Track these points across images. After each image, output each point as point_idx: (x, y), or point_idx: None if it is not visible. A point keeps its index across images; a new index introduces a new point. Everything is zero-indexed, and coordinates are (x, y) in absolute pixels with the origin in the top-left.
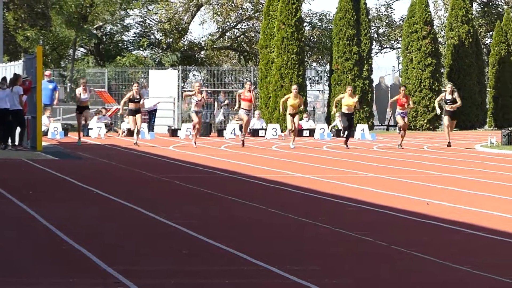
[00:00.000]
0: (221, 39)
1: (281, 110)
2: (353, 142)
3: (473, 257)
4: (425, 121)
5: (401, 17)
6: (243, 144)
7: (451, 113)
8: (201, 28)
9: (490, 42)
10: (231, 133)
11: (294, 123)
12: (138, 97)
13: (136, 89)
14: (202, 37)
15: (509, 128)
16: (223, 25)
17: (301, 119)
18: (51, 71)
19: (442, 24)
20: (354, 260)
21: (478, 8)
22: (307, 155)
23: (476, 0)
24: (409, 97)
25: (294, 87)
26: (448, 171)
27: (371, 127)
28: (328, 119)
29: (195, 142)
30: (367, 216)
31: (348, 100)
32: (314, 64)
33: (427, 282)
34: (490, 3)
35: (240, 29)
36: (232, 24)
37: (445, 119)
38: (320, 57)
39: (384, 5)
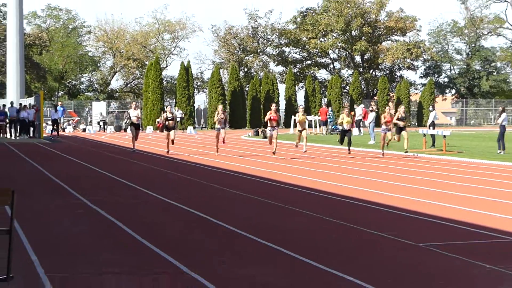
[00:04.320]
0: (125, 87)
1: (293, 126)
2: (184, 134)
3: (260, 192)
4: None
5: (207, 78)
6: (274, 153)
7: (402, 128)
8: (116, 82)
9: (247, 89)
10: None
11: (302, 136)
12: (171, 116)
13: (169, 110)
14: (117, 86)
15: (257, 129)
16: (127, 80)
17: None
18: (61, 102)
19: (226, 81)
20: (193, 188)
21: (242, 73)
22: (156, 143)
23: (242, 69)
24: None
25: (301, 106)
26: (231, 149)
27: (194, 128)
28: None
29: (217, 151)
30: (194, 168)
31: (346, 119)
32: (169, 99)
33: (232, 199)
34: (248, 71)
35: (134, 82)
36: (131, 80)
37: (396, 134)
38: (171, 96)
39: (200, 72)
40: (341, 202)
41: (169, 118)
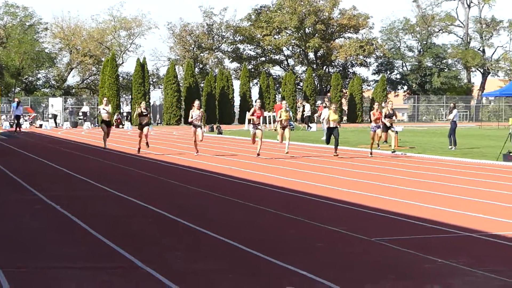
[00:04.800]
0: (82, 83)
1: (277, 122)
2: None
3: (225, 190)
4: (174, 120)
5: (163, 74)
6: (258, 154)
7: (389, 126)
8: (72, 78)
9: (202, 86)
10: (87, 127)
11: (284, 135)
12: (145, 111)
13: (143, 106)
14: (73, 83)
15: (212, 124)
16: (83, 77)
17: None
18: (18, 99)
19: (181, 77)
20: (154, 185)
21: (197, 70)
22: (114, 139)
23: (197, 66)
24: (382, 112)
25: (284, 102)
26: (202, 148)
27: (151, 124)
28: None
29: (197, 151)
30: (159, 166)
31: (333, 116)
32: (124, 95)
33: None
34: (203, 68)
35: (91, 79)
36: (87, 76)
37: (386, 132)
38: (127, 93)
39: (156, 69)
40: (306, 200)
41: (143, 114)
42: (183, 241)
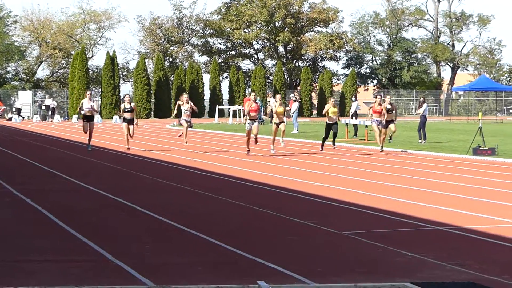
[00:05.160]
0: (51, 76)
1: (268, 118)
2: (109, 124)
3: (198, 185)
4: (144, 114)
5: (133, 68)
6: (248, 152)
7: (389, 121)
8: (42, 71)
9: (172, 79)
10: (57, 120)
11: (277, 131)
12: (129, 107)
13: (127, 99)
14: (43, 76)
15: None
16: (53, 70)
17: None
18: None
19: (151, 70)
20: (116, 177)
21: (167, 63)
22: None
23: (167, 59)
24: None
25: (278, 96)
26: (168, 139)
27: (120, 117)
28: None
29: (185, 142)
30: (106, 154)
31: (333, 110)
32: (94, 88)
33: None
34: (173, 62)
35: (60, 72)
36: (57, 70)
37: (383, 127)
38: (97, 86)
39: (125, 62)
40: (278, 194)
41: (127, 109)
42: (154, 235)
